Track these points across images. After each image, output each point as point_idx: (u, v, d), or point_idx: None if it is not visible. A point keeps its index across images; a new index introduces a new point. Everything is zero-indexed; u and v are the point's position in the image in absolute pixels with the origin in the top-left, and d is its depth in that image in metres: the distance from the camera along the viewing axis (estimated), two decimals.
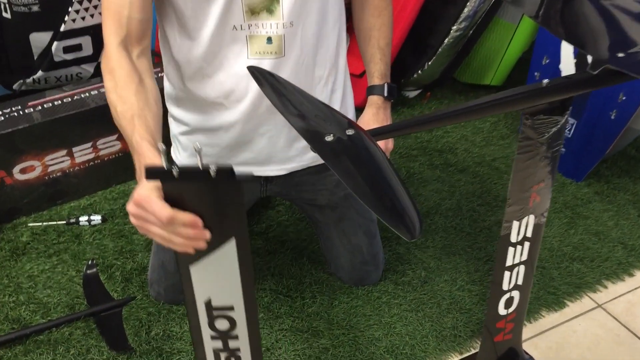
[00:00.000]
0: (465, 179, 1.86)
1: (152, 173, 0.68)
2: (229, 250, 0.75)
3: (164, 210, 0.69)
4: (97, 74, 1.90)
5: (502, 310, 1.19)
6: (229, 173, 0.66)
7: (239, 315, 0.82)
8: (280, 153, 1.23)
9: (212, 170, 0.65)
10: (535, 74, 1.93)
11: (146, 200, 0.70)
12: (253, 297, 0.81)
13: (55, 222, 1.64)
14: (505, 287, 1.16)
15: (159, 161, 0.79)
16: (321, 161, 1.29)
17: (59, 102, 1.66)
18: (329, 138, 0.80)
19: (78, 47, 1.83)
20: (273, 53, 1.08)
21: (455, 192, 1.81)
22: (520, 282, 1.17)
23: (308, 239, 1.62)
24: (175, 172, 0.66)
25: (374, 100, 1.23)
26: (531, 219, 1.09)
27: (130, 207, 0.73)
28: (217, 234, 0.73)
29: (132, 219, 0.74)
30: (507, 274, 1.14)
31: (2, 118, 1.59)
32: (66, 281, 1.48)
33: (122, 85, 0.90)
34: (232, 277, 0.78)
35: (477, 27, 1.99)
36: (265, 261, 1.55)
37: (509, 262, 1.13)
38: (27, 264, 1.52)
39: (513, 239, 1.10)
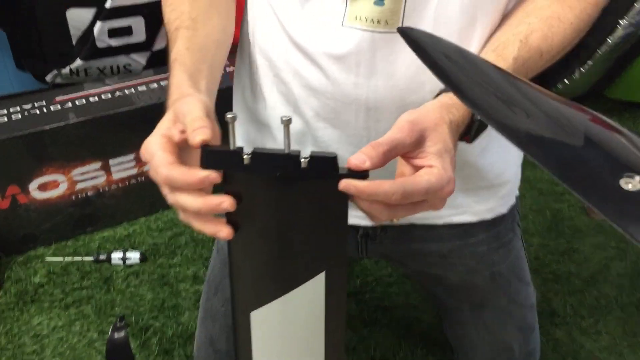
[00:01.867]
0: None
1: (210, 156, 0.45)
2: (314, 290, 0.51)
3: (159, 166, 0.47)
4: (151, 65, 1.50)
5: None
6: (330, 164, 0.43)
7: None
8: None
9: (304, 157, 0.43)
10: None
11: (147, 148, 0.48)
12: None
13: (80, 258, 1.24)
14: None
15: (193, 102, 0.50)
16: (467, 218, 0.80)
17: (96, 98, 1.27)
18: (629, 184, 0.33)
19: (127, 31, 1.44)
20: (382, 23, 0.60)
21: (629, 249, 1.29)
22: None
23: (421, 307, 1.15)
24: (246, 156, 0.44)
25: (448, 103, 0.54)
26: None
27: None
28: (299, 261, 0.50)
29: None
30: None
31: (20, 116, 1.21)
32: (84, 346, 1.06)
33: None
34: (314, 334, 0.54)
35: None
36: (361, 337, 1.09)
37: None
38: (36, 316, 1.12)
39: None
